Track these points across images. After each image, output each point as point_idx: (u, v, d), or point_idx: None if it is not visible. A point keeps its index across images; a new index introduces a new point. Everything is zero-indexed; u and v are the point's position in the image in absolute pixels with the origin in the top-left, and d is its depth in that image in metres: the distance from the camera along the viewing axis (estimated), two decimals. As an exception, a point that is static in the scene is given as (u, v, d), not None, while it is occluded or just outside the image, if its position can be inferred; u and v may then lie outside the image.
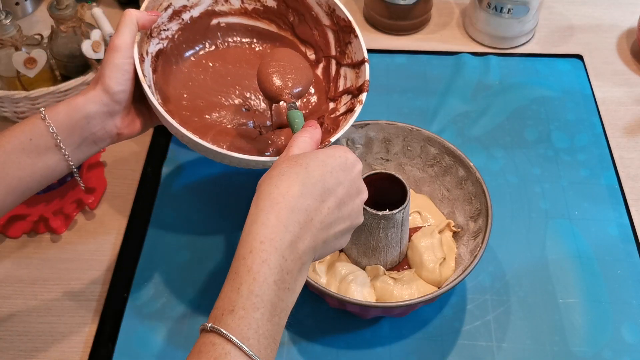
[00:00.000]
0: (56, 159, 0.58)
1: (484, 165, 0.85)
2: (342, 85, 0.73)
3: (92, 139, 0.60)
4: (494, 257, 0.76)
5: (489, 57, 1.00)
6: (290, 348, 0.69)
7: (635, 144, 0.89)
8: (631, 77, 0.99)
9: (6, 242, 0.78)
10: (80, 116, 0.58)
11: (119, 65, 0.59)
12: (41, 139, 0.57)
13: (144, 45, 0.66)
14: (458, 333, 0.70)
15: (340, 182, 0.51)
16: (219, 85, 0.73)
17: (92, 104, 0.58)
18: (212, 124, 0.70)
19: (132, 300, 0.73)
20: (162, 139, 0.89)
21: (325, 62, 0.75)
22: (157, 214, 0.80)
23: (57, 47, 0.88)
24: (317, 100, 0.74)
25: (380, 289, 0.69)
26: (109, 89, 0.59)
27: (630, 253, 0.77)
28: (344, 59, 0.73)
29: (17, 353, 0.69)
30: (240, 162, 0.62)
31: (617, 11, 1.09)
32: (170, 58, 0.72)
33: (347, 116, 0.69)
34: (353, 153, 0.54)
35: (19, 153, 0.57)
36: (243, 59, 0.76)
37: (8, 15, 0.84)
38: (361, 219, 0.55)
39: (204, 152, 0.63)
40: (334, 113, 0.72)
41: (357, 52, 0.71)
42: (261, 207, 0.48)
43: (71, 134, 0.58)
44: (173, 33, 0.71)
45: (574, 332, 0.70)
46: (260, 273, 0.45)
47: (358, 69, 0.71)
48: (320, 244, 0.50)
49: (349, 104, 0.71)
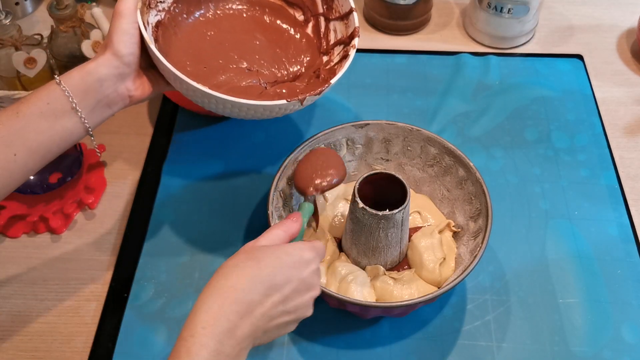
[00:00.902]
0: (73, 122, 0.60)
1: (484, 165, 0.85)
2: (333, 38, 0.77)
3: (106, 102, 0.62)
4: (494, 257, 0.76)
5: (489, 57, 1.00)
6: (290, 348, 0.69)
7: (635, 144, 0.89)
8: (631, 77, 0.99)
9: (6, 242, 0.78)
10: (93, 79, 0.61)
11: (126, 30, 0.62)
12: (58, 102, 0.59)
13: (144, 15, 0.69)
14: (458, 333, 0.70)
15: (290, 280, 0.55)
16: (218, 51, 0.76)
17: (103, 67, 0.61)
18: (219, 84, 0.72)
19: (132, 300, 0.73)
20: (162, 139, 0.89)
21: (314, 20, 0.79)
22: (157, 214, 0.80)
23: (57, 47, 0.88)
24: (311, 57, 0.77)
25: (380, 289, 0.69)
26: (117, 52, 0.61)
27: (630, 253, 0.77)
28: (331, 13, 0.77)
29: (17, 353, 0.69)
30: (248, 110, 0.65)
31: (617, 11, 1.09)
32: (169, 29, 0.74)
33: (342, 63, 0.72)
34: (315, 252, 0.58)
35: (38, 117, 0.59)
36: (237, 25, 0.79)
37: (8, 15, 0.84)
38: (309, 312, 0.58)
39: (209, 103, 0.65)
40: (328, 65, 0.75)
41: (343, 4, 0.75)
42: (208, 295, 0.52)
43: (86, 97, 0.61)
44: (169, 5, 0.74)
45: (574, 332, 0.70)
46: (199, 355, 0.49)
47: (347, 20, 0.75)
48: (260, 333, 0.54)
49: (342, 52, 0.74)
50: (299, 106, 0.67)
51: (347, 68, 0.70)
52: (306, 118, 0.91)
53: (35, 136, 0.59)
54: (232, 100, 0.63)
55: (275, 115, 0.67)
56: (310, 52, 0.78)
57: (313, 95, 0.67)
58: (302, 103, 0.67)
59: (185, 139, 0.88)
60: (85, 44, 0.85)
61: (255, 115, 0.67)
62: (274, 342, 0.69)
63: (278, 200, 0.71)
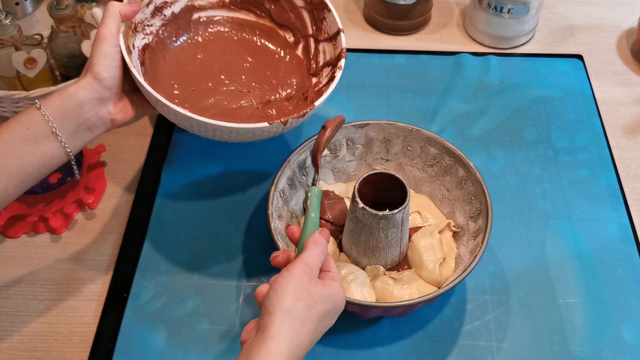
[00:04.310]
0: (54, 146, 0.60)
1: (484, 165, 0.85)
2: (322, 59, 0.78)
3: (87, 125, 0.62)
4: (494, 257, 0.76)
5: (489, 57, 1.00)
6: (290, 348, 0.69)
7: (635, 144, 0.89)
8: (631, 77, 0.99)
9: (6, 242, 0.78)
10: (73, 103, 0.61)
11: (107, 54, 0.62)
12: (38, 127, 0.59)
13: (130, 39, 0.69)
14: (458, 333, 0.70)
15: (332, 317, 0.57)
16: (207, 73, 0.76)
17: (83, 91, 0.61)
18: (207, 107, 0.73)
19: (132, 300, 0.73)
20: (162, 139, 0.89)
21: (304, 42, 0.80)
22: (157, 214, 0.80)
23: (57, 47, 0.88)
24: (301, 79, 0.78)
25: (380, 289, 0.69)
26: (97, 75, 0.61)
27: (630, 253, 0.77)
28: (320, 34, 0.78)
29: (17, 353, 0.69)
30: (230, 133, 0.65)
31: (617, 11, 1.09)
32: (157, 52, 0.75)
33: (329, 85, 0.72)
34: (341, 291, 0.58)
35: (18, 142, 0.59)
36: (226, 48, 0.80)
37: (8, 15, 0.84)
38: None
39: (191, 126, 0.65)
40: (317, 86, 0.76)
41: (332, 25, 0.76)
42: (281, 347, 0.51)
43: (66, 121, 0.60)
44: (157, 28, 0.75)
45: (574, 332, 0.70)
46: None
47: (335, 41, 0.76)
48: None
49: (329, 74, 0.75)
50: (282, 128, 0.67)
51: (332, 89, 0.70)
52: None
53: (15, 161, 0.58)
54: (214, 124, 0.63)
55: (260, 137, 0.67)
56: (300, 74, 0.79)
57: (296, 118, 0.67)
58: (286, 125, 0.66)
59: (185, 139, 0.88)
60: (85, 44, 0.85)
61: (239, 138, 0.66)
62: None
63: (278, 200, 0.71)
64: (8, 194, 0.59)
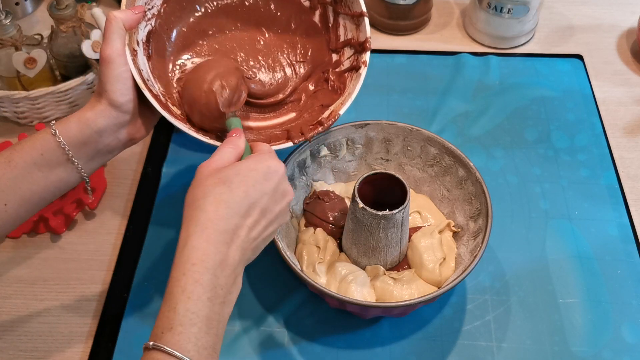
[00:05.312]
0: (68, 171, 0.59)
1: (484, 165, 0.85)
2: (342, 35, 0.73)
3: (107, 150, 0.61)
4: (494, 257, 0.76)
5: (489, 57, 1.00)
6: (290, 348, 0.69)
7: (635, 144, 0.89)
8: (631, 77, 0.99)
9: (6, 242, 0.78)
10: (92, 132, 0.58)
11: (118, 77, 0.58)
12: (53, 153, 0.57)
13: (133, 37, 0.63)
14: (458, 333, 0.70)
15: (264, 193, 0.54)
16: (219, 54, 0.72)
17: (102, 119, 0.58)
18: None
19: (132, 300, 0.73)
20: (162, 139, 0.89)
21: (321, 8, 0.74)
22: (157, 214, 0.80)
23: (57, 47, 0.88)
24: (318, 49, 0.74)
25: (380, 289, 0.69)
26: (114, 102, 0.58)
27: (630, 253, 0.77)
28: (340, 6, 0.72)
29: (17, 353, 0.69)
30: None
31: (617, 11, 1.09)
32: (162, 35, 0.69)
33: (352, 74, 0.70)
34: (275, 158, 0.57)
35: (31, 168, 0.57)
36: (237, 20, 0.74)
37: (8, 15, 0.84)
38: (287, 217, 0.59)
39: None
40: (338, 67, 0.72)
41: (354, 3, 0.70)
42: (191, 232, 0.51)
43: (83, 148, 0.59)
44: (158, 8, 0.68)
45: (574, 332, 0.70)
46: (194, 292, 0.48)
47: (358, 22, 0.71)
48: (249, 252, 0.54)
49: (352, 59, 0.71)
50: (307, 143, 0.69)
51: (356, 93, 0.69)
52: (306, 118, 0.91)
53: (29, 186, 0.57)
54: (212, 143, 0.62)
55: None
56: (316, 44, 0.74)
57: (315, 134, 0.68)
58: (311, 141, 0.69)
59: (185, 139, 0.88)
60: (85, 44, 0.85)
61: None
62: (274, 342, 0.69)
63: None
64: (20, 217, 0.59)
